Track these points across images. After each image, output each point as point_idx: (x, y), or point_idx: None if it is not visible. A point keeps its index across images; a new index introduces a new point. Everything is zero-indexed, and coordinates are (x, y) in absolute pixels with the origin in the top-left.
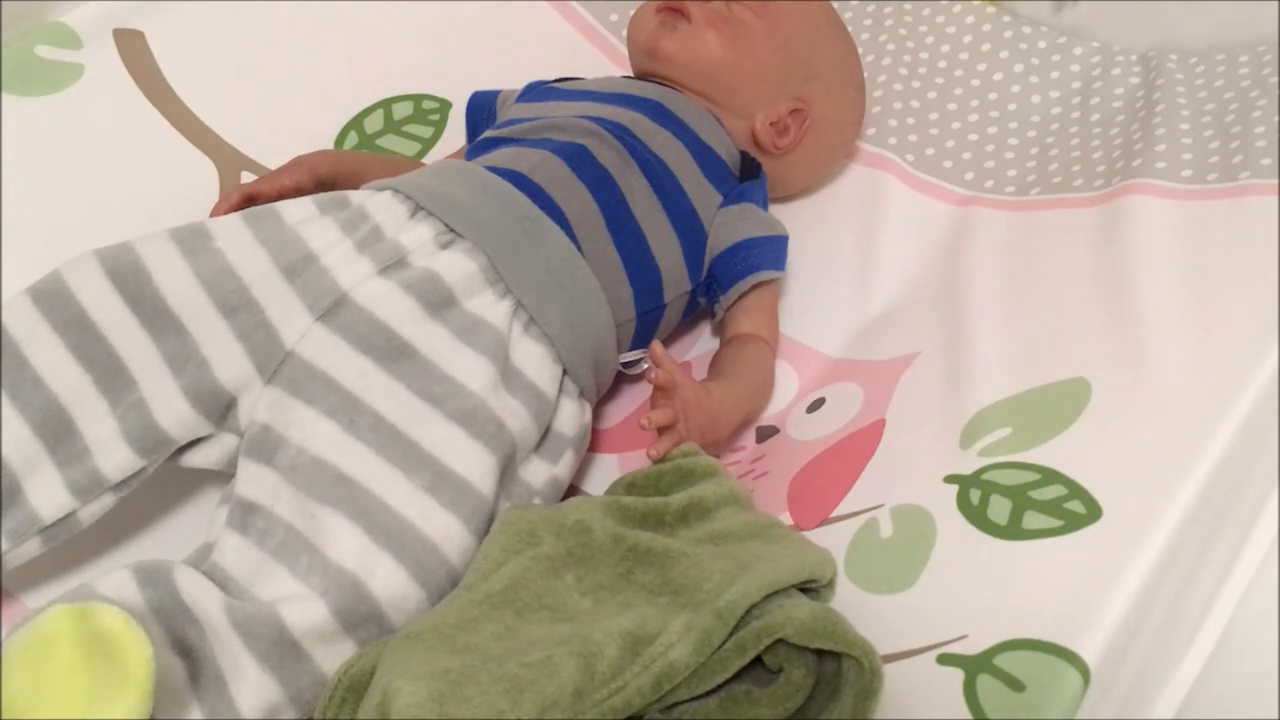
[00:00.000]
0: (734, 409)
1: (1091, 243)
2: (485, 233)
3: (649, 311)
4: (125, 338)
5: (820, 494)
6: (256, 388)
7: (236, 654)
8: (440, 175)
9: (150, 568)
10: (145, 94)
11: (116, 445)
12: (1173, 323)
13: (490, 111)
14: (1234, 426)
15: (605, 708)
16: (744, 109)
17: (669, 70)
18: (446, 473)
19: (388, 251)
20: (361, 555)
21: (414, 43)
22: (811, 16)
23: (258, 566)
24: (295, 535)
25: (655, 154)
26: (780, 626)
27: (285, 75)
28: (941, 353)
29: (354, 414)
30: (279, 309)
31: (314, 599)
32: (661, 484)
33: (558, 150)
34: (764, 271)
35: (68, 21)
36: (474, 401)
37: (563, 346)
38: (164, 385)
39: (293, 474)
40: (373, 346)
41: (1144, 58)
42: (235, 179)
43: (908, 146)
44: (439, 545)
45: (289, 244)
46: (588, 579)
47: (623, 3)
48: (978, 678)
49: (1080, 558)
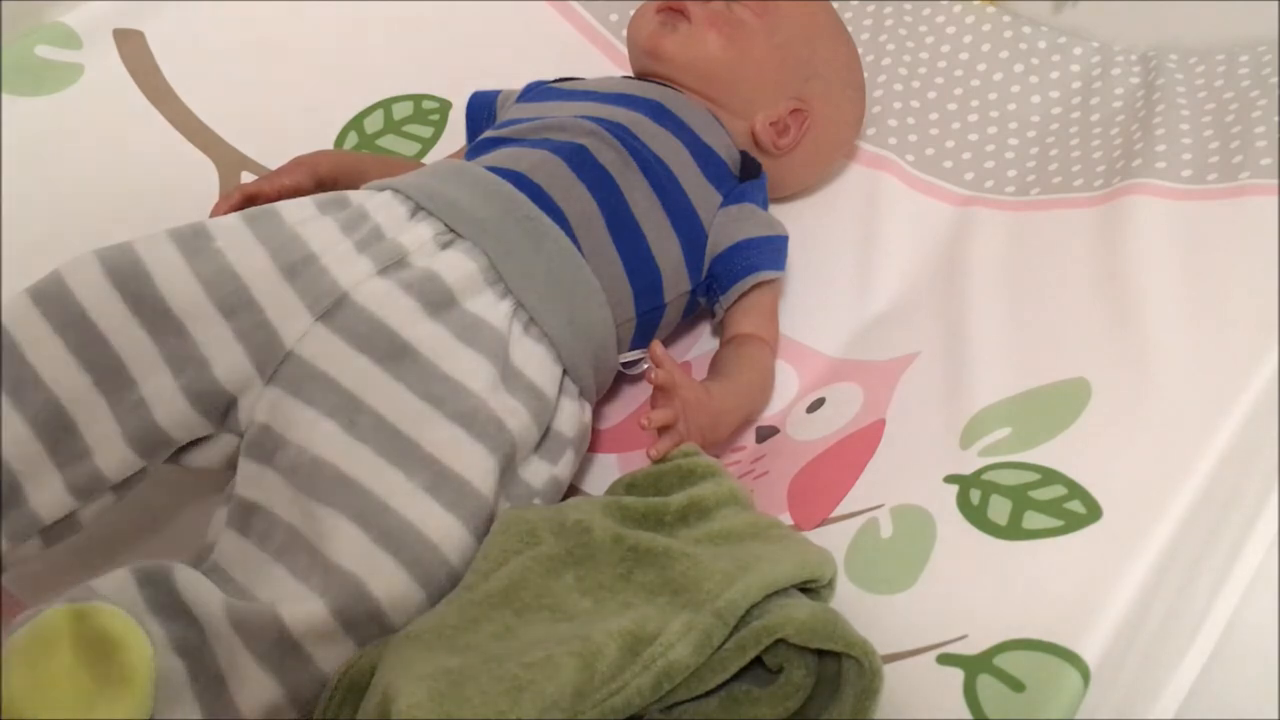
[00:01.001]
0: (734, 409)
1: (1091, 243)
2: (485, 233)
3: (649, 311)
4: (125, 338)
5: (820, 494)
6: (256, 388)
7: (236, 654)
8: (440, 175)
9: (150, 568)
10: (145, 94)
11: (116, 445)
12: (1173, 323)
13: (490, 112)
14: (1234, 426)
15: (605, 708)
16: (744, 109)
17: (669, 70)
18: (447, 473)
19: (388, 251)
20: (362, 556)
21: (414, 43)
22: (811, 17)
23: (258, 567)
24: (295, 535)
25: (655, 154)
26: (780, 626)
27: (285, 75)
28: (941, 353)
29: (354, 414)
30: (279, 309)
31: (314, 599)
32: (661, 484)
33: (557, 150)
34: (764, 271)
35: (68, 21)
36: (474, 402)
37: (563, 346)
38: (164, 386)
39: (293, 474)
40: (373, 346)
41: (1144, 58)
42: (235, 179)
43: (908, 146)
44: (439, 545)
45: (289, 244)
46: (588, 579)
47: (623, 3)
48: (978, 678)
49: (1080, 558)
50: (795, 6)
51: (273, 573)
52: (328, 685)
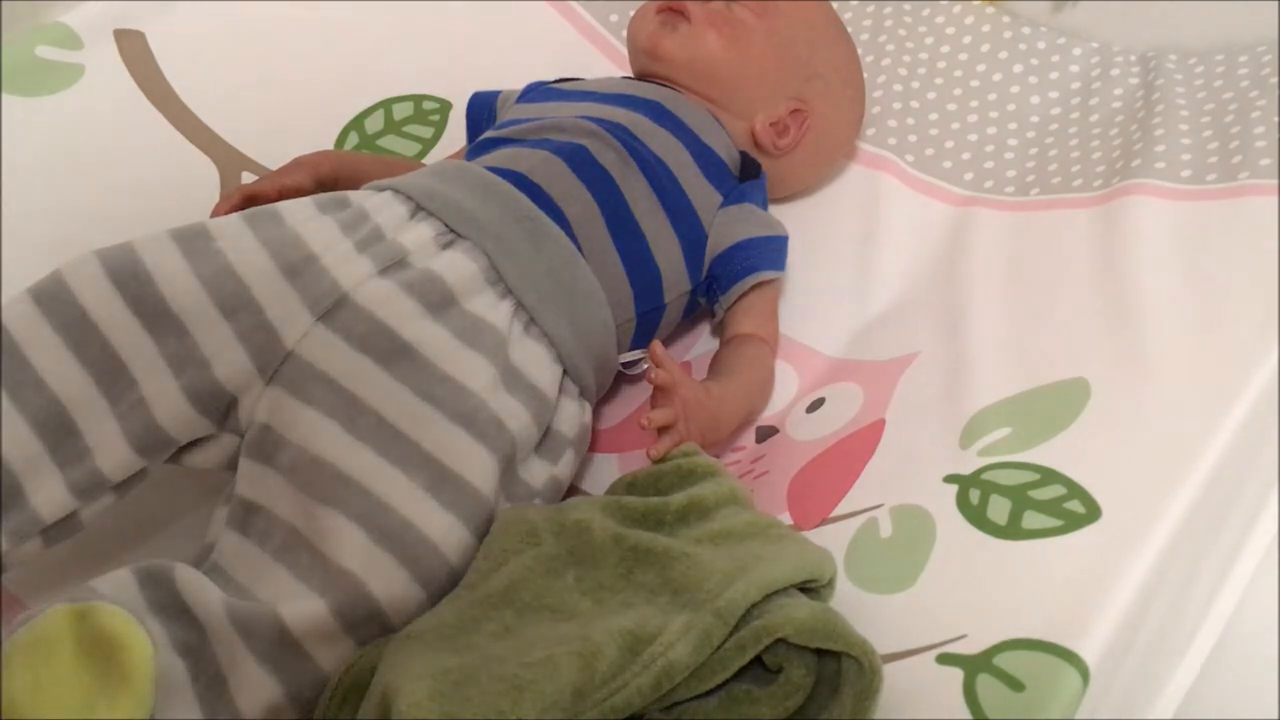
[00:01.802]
0: (734, 409)
1: (1091, 243)
2: (485, 233)
3: (649, 311)
4: (126, 338)
5: (820, 494)
6: (257, 388)
7: (237, 653)
8: (440, 175)
9: (151, 568)
10: (145, 94)
11: (117, 445)
12: (1172, 323)
13: (490, 112)
14: (1234, 426)
15: (605, 707)
16: (743, 109)
17: (669, 70)
18: (447, 473)
19: (388, 252)
20: (362, 555)
21: (414, 43)
22: (811, 17)
23: (258, 567)
24: (295, 535)
25: (655, 154)
26: (780, 626)
27: (285, 75)
28: (941, 353)
29: (355, 414)
30: (280, 309)
31: (314, 598)
32: (661, 484)
33: (558, 151)
34: (764, 272)
35: (68, 21)
36: (474, 402)
37: (563, 347)
38: (165, 386)
39: (293, 473)
40: (373, 347)
41: (1143, 58)
42: (235, 179)
43: (907, 147)
44: (439, 545)
45: (289, 244)
46: (588, 579)
47: (623, 3)
48: (977, 678)
49: (1080, 558)
50: (795, 7)
51: (273, 573)
52: (328, 685)
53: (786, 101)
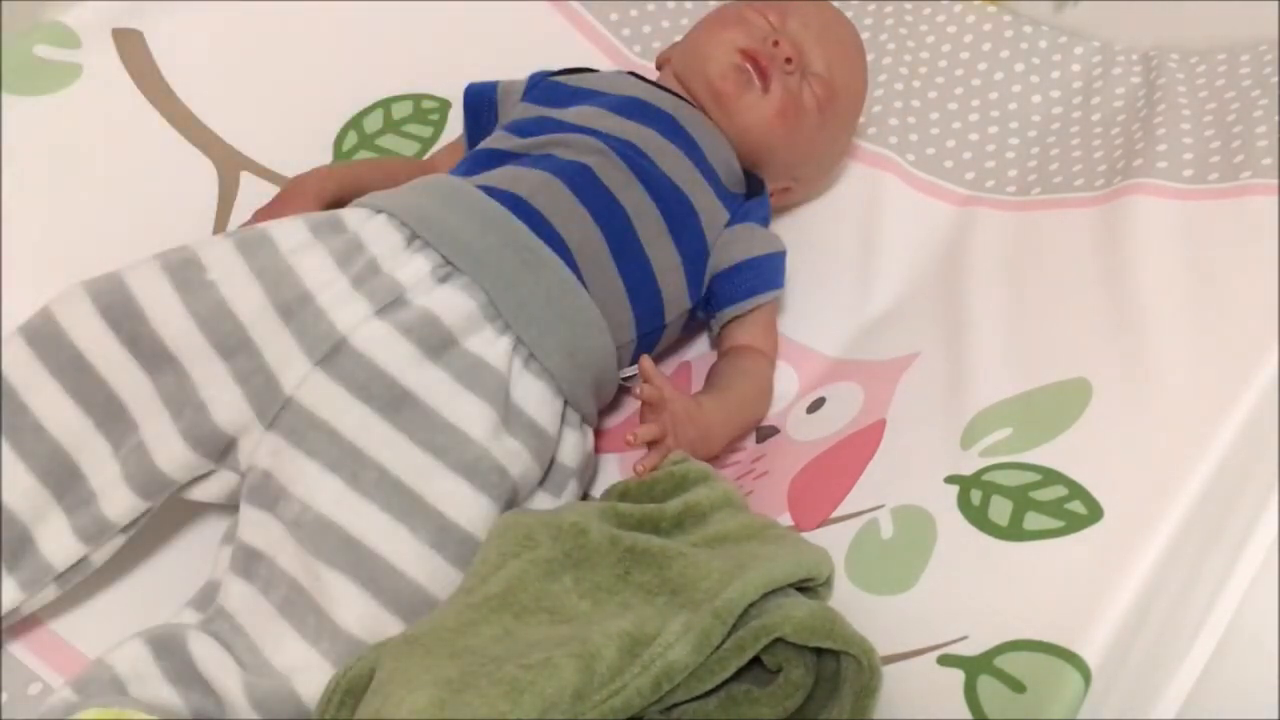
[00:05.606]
0: (725, 422)
1: (1092, 243)
2: (483, 267)
3: (650, 332)
4: (124, 378)
5: (820, 494)
6: (256, 432)
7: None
8: (438, 197)
9: (164, 637)
10: (144, 94)
11: (119, 489)
12: (1174, 323)
13: (490, 105)
14: (1235, 426)
15: (605, 709)
16: (755, 164)
17: (713, 111)
18: (451, 528)
19: (385, 289)
20: (369, 622)
21: (414, 42)
22: (856, 103)
23: (265, 619)
24: (300, 592)
25: (664, 172)
26: (779, 626)
27: (285, 75)
28: (942, 353)
29: (357, 468)
30: (277, 352)
31: (327, 668)
32: (655, 491)
33: (560, 171)
34: (765, 294)
35: (66, 21)
36: (476, 452)
37: (563, 380)
38: (163, 429)
39: (296, 529)
40: (373, 395)
41: (1145, 57)
42: (235, 179)
43: (908, 146)
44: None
45: (284, 278)
46: (586, 580)
47: (623, 3)
48: (978, 679)
49: (1081, 558)
50: (854, 96)
51: (282, 634)
52: (326, 687)
53: (789, 180)
